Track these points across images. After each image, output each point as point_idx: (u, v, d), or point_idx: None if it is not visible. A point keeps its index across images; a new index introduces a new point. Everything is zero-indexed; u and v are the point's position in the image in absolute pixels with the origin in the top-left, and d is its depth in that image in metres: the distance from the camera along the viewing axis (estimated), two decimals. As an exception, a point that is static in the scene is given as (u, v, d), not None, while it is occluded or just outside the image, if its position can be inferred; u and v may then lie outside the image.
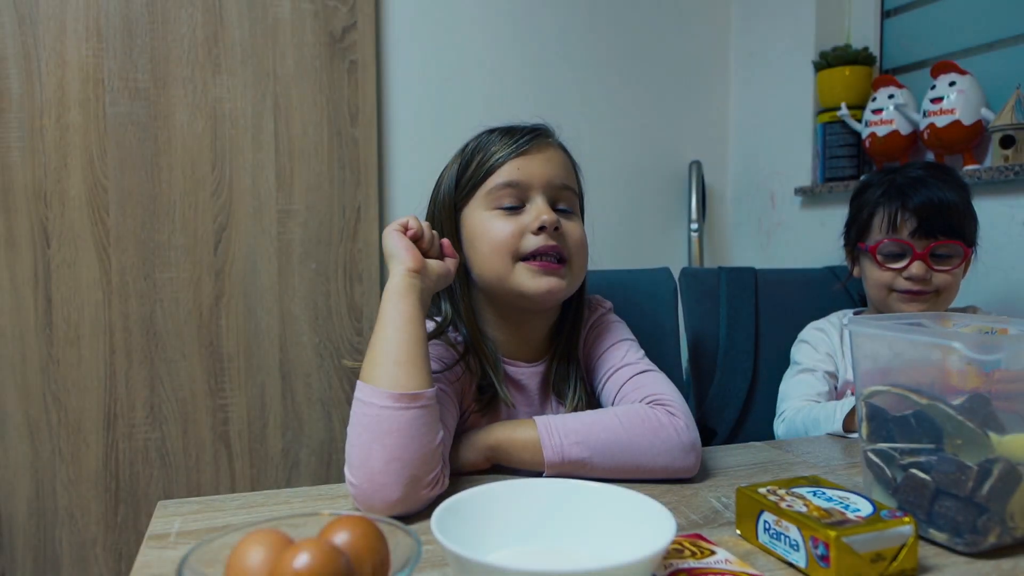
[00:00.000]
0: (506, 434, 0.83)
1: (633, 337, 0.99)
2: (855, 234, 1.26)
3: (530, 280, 0.87)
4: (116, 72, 1.63)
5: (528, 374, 0.96)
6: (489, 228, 0.89)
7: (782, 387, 1.26)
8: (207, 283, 1.70)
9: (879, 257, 1.18)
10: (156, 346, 1.67)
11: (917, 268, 1.14)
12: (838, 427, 1.05)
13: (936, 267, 1.15)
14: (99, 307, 1.63)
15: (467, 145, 0.96)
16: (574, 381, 0.96)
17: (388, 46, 1.85)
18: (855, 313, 1.33)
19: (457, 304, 0.93)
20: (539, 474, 0.80)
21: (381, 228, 1.84)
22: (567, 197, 0.93)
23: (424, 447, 0.72)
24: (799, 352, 1.28)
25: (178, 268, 1.68)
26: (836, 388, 1.24)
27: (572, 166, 0.97)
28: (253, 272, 1.73)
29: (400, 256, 0.81)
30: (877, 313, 1.24)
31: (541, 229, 0.87)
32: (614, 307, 1.06)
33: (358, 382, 0.75)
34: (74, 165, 1.61)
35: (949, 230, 1.15)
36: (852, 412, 1.04)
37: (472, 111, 1.90)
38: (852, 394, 1.18)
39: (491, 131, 0.95)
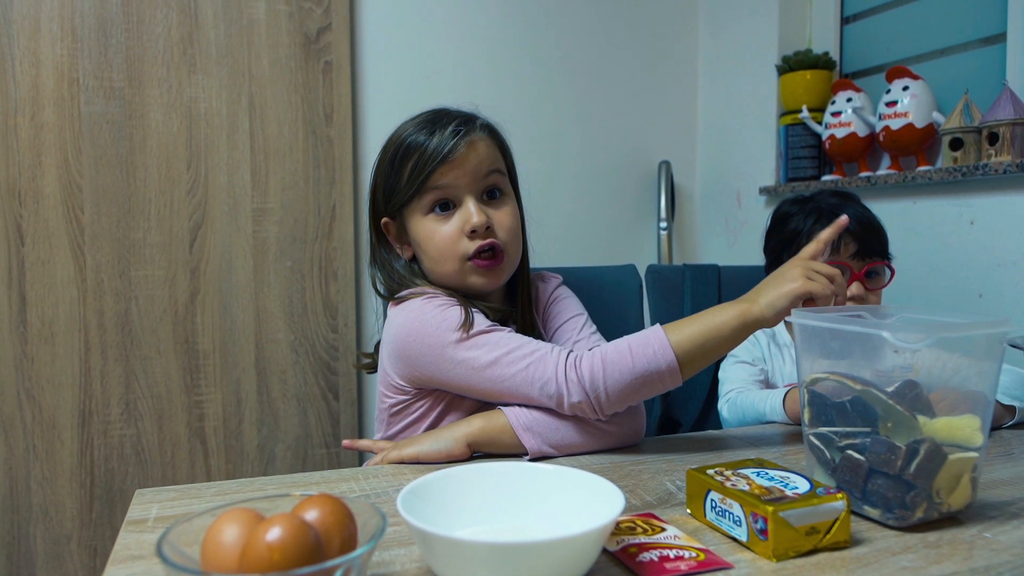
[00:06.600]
0: (482, 423, 0.89)
1: (585, 312, 1.09)
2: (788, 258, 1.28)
3: (478, 279, 0.98)
4: (91, 71, 1.64)
5: None
6: (431, 234, 0.97)
7: (721, 375, 1.30)
8: (182, 281, 1.72)
9: None
10: (131, 343, 1.69)
11: (856, 288, 1.17)
12: (780, 415, 1.09)
13: (870, 287, 1.18)
14: (74, 305, 1.65)
15: (393, 149, 0.97)
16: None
17: (363, 47, 1.88)
18: None
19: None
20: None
21: (356, 226, 1.87)
22: (495, 180, 0.99)
23: None
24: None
25: (153, 266, 1.70)
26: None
27: (499, 145, 1.01)
28: (229, 270, 1.75)
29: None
30: None
31: (473, 232, 0.95)
32: (583, 304, 1.11)
33: None
34: (48, 164, 1.62)
35: (881, 250, 1.19)
36: (793, 399, 1.09)
37: (445, 112, 1.93)
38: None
39: (415, 129, 0.96)
